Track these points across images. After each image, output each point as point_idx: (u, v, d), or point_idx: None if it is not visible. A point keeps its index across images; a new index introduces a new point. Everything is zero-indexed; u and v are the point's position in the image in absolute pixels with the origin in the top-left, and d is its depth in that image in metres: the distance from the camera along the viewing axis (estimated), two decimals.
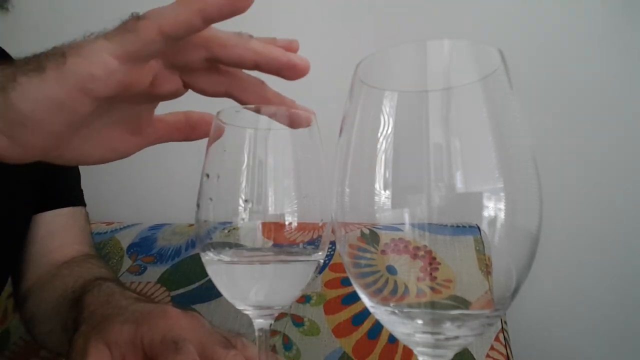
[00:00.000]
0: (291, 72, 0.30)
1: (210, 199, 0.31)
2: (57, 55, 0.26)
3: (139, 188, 1.09)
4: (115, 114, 0.32)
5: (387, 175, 0.21)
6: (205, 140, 0.32)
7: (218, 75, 0.31)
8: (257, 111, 0.31)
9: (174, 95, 0.32)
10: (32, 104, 0.26)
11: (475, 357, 0.61)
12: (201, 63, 0.30)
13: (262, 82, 0.32)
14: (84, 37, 0.27)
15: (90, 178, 0.71)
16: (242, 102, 0.32)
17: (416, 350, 0.22)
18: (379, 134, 0.22)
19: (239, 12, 0.26)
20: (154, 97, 0.31)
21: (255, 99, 0.32)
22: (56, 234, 0.61)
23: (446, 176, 0.20)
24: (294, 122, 0.31)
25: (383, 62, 0.24)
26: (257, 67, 0.30)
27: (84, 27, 0.29)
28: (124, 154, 0.35)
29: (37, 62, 0.26)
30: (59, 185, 0.63)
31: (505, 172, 0.21)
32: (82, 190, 0.67)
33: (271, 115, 0.31)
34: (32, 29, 1.14)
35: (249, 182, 0.30)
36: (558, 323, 0.88)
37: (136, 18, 0.26)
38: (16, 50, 0.42)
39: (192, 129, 0.35)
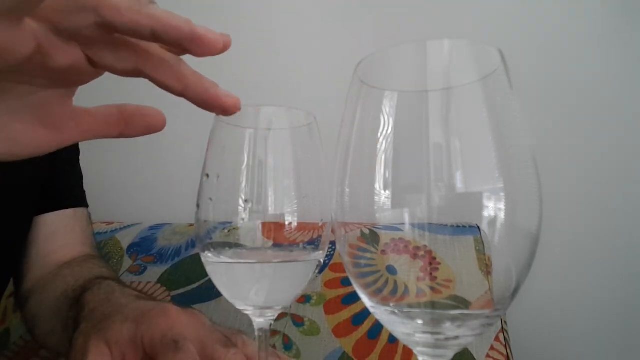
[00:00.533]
0: (195, 45, 0.25)
1: (210, 199, 0.31)
2: None
3: (139, 188, 1.09)
4: (12, 99, 0.27)
5: (387, 175, 0.21)
6: (205, 140, 0.32)
7: (124, 50, 0.27)
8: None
9: (76, 71, 0.27)
10: None
11: (475, 357, 0.61)
12: (94, 30, 0.25)
13: (179, 59, 0.28)
14: None
15: (91, 178, 0.71)
16: (155, 82, 0.28)
17: (416, 350, 0.22)
18: (379, 134, 0.22)
19: None
20: (50, 72, 0.26)
21: (169, 78, 0.27)
22: (58, 235, 0.61)
23: (446, 176, 0.20)
24: (208, 105, 0.27)
25: (383, 62, 0.24)
26: (155, 36, 0.25)
27: None
28: (37, 149, 0.30)
29: None
30: (61, 186, 0.63)
31: (505, 172, 0.21)
32: (84, 191, 0.67)
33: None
34: None
35: (249, 182, 0.30)
36: (558, 323, 0.88)
37: None
38: None
39: (127, 124, 0.31)
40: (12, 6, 0.22)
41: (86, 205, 0.67)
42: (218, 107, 0.27)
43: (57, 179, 0.62)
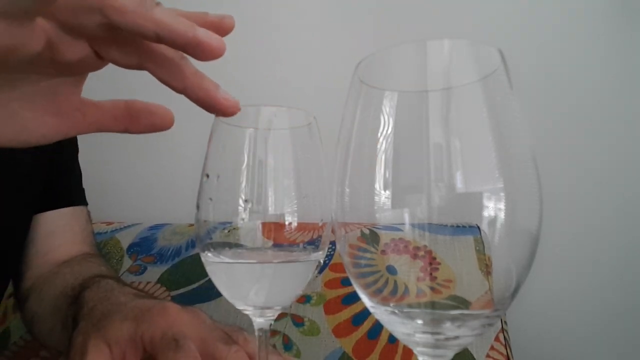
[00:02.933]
0: (197, 51, 0.26)
1: (210, 199, 0.31)
2: None
3: (139, 188, 1.09)
4: (22, 87, 0.29)
5: (387, 175, 0.21)
6: (205, 140, 0.32)
7: (130, 46, 0.28)
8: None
9: (84, 64, 0.28)
10: None
11: (475, 357, 0.61)
12: (99, 29, 0.26)
13: (183, 58, 0.28)
14: None
15: (91, 178, 0.71)
16: (158, 78, 0.28)
17: (416, 350, 0.22)
18: (379, 134, 0.22)
19: None
20: (59, 65, 0.28)
21: (170, 76, 0.28)
22: (57, 233, 0.61)
23: (446, 176, 0.20)
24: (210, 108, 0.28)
25: (383, 62, 0.24)
26: (159, 39, 0.26)
27: None
28: (44, 137, 0.31)
29: None
30: (60, 184, 0.63)
31: (505, 172, 0.21)
32: (83, 190, 0.67)
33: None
34: None
35: (249, 182, 0.30)
36: (558, 323, 0.88)
37: None
38: None
39: (132, 120, 0.31)
40: (27, 7, 0.23)
41: (85, 204, 0.67)
42: (216, 108, 0.28)
43: (56, 177, 0.62)
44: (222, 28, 0.28)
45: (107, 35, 0.27)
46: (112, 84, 0.71)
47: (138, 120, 0.31)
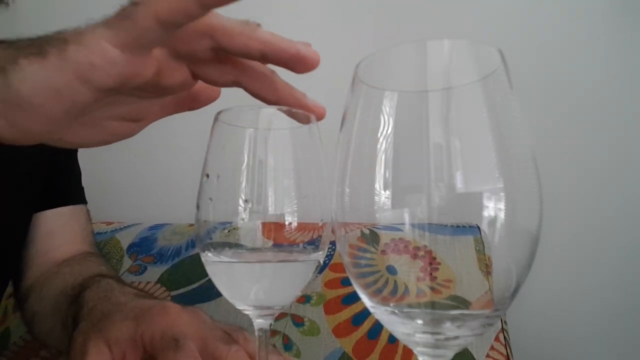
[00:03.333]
0: (299, 64, 0.29)
1: (210, 199, 0.31)
2: (59, 41, 0.25)
3: (139, 188, 1.09)
4: (121, 108, 0.31)
5: (387, 175, 0.21)
6: (205, 140, 0.32)
7: (226, 65, 0.30)
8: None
9: (182, 87, 0.31)
10: (32, 88, 0.25)
11: (475, 357, 0.61)
12: (207, 52, 0.29)
13: (273, 72, 0.31)
14: (86, 24, 0.26)
15: (91, 178, 0.71)
16: (251, 92, 0.31)
17: (416, 350, 0.22)
18: (379, 134, 0.22)
19: None
20: (161, 89, 0.30)
21: (264, 89, 0.31)
22: (57, 233, 0.61)
23: (446, 176, 0.20)
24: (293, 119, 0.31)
25: (383, 62, 0.24)
26: (263, 57, 0.28)
27: (83, 21, 0.28)
28: (125, 136, 0.34)
29: (39, 46, 0.25)
30: (59, 183, 0.63)
31: (505, 172, 0.21)
32: (82, 188, 0.67)
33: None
34: (31, 23, 1.14)
35: (249, 182, 0.30)
36: (558, 323, 0.88)
37: (133, 3, 0.25)
38: None
39: (193, 99, 0.34)
40: (152, 41, 0.26)
41: (85, 203, 0.66)
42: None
43: (56, 176, 0.62)
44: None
45: (211, 58, 0.29)
46: None
47: (198, 98, 0.34)
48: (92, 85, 0.25)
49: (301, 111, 0.32)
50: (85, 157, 0.68)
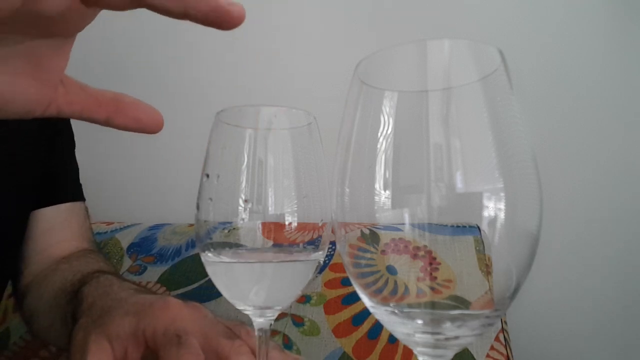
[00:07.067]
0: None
1: (210, 199, 0.31)
2: None
3: (139, 188, 1.09)
4: (2, 47, 0.25)
5: (387, 175, 0.21)
6: (205, 140, 0.32)
7: None
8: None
9: (70, 20, 0.25)
10: None
11: (475, 357, 0.61)
12: None
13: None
14: None
15: (91, 178, 0.70)
16: (155, 9, 0.25)
17: (416, 350, 0.22)
18: (379, 134, 0.22)
19: None
20: (43, 21, 0.24)
21: (168, 1, 0.24)
22: (55, 229, 0.61)
23: (446, 176, 0.20)
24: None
25: (383, 62, 0.24)
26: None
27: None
28: (23, 107, 0.28)
29: None
30: (57, 180, 0.62)
31: (505, 172, 0.21)
32: (80, 185, 0.67)
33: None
34: None
35: (249, 182, 0.30)
36: (558, 323, 0.88)
37: None
38: None
39: (118, 110, 0.29)
40: None
41: (83, 199, 0.66)
42: (224, 19, 0.24)
43: (53, 172, 0.61)
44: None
45: None
46: (111, 86, 0.71)
47: (123, 112, 0.29)
48: None
49: (302, 110, 0.32)
50: (86, 157, 0.68)
